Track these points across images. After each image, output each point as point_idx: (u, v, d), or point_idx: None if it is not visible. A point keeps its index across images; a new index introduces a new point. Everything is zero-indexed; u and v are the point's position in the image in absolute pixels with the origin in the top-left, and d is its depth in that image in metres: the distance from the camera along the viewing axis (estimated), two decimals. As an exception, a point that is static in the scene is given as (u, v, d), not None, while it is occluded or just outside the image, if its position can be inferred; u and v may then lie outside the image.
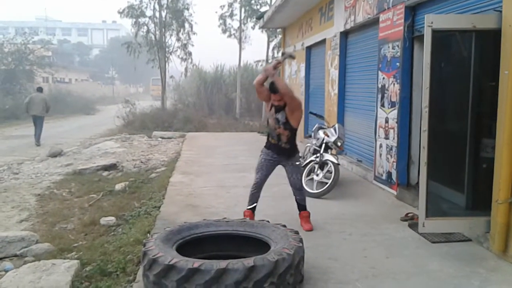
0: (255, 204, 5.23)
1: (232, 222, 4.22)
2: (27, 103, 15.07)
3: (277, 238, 3.75)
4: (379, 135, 7.18)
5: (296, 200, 5.29)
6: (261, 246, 3.82)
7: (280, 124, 5.02)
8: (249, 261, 3.20)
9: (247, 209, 5.22)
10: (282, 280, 3.28)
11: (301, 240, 3.70)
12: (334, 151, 7.33)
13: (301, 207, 5.29)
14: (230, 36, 23.28)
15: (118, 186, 7.73)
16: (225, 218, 4.44)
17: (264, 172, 5.18)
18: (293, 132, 5.09)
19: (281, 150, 5.12)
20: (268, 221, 4.20)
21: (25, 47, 29.82)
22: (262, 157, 5.23)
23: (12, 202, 7.26)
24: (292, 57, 5.48)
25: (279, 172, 5.24)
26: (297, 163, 5.22)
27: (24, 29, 39.78)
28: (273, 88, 4.92)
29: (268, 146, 5.20)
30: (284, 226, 4.04)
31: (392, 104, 6.73)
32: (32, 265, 3.99)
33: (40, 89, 16.16)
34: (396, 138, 6.62)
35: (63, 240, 5.24)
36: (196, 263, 3.18)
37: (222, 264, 3.16)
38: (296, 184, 5.22)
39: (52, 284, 3.62)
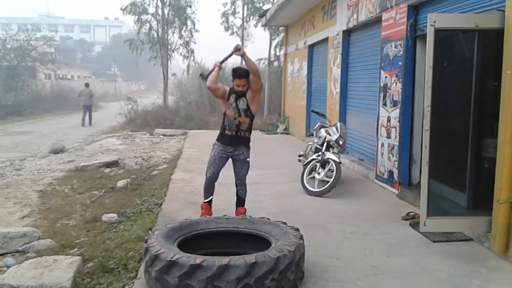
0: (211, 197, 5.35)
1: (232, 220, 4.26)
2: (79, 96, 21.21)
3: (278, 235, 3.78)
4: (381, 134, 7.18)
5: (237, 194, 5.37)
6: (261, 243, 3.85)
7: (241, 112, 5.11)
8: (250, 258, 3.23)
9: (204, 202, 5.34)
10: (283, 277, 3.30)
11: (301, 237, 3.72)
12: (335, 150, 7.33)
13: (241, 202, 5.39)
14: (232, 34, 23.30)
15: (120, 183, 7.74)
16: (225, 215, 4.46)
17: (217, 167, 5.26)
18: (252, 119, 5.24)
19: (240, 139, 5.19)
20: (268, 219, 4.23)
21: (27, 43, 29.85)
22: (215, 151, 5.27)
23: (14, 198, 7.28)
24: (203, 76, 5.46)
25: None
26: (248, 159, 5.31)
27: (27, 25, 39.88)
28: (238, 73, 5.02)
29: (224, 140, 5.23)
30: (285, 223, 4.06)
31: (394, 103, 6.73)
32: (34, 261, 3.99)
33: (87, 85, 21.72)
34: (398, 137, 6.62)
35: (65, 236, 5.25)
36: (198, 259, 3.20)
37: (224, 260, 3.18)
38: (243, 179, 5.32)
39: (54, 280, 3.63)
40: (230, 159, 5.32)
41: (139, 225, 5.27)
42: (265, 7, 20.07)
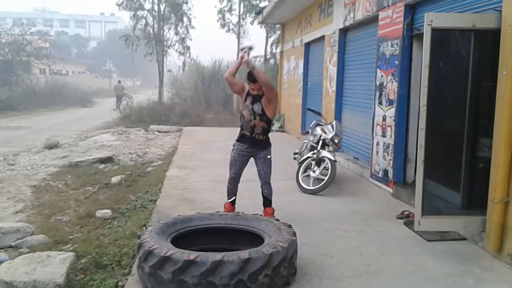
0: (234, 197, 5.34)
1: (225, 216, 4.26)
2: (115, 89, 27.99)
3: (271, 231, 3.78)
4: (376, 133, 7.19)
5: (263, 194, 5.32)
6: (254, 240, 3.85)
7: (256, 115, 5.05)
8: (244, 254, 3.23)
9: (228, 202, 5.32)
10: (276, 273, 3.32)
11: (294, 234, 3.73)
12: (331, 148, 7.34)
13: (268, 202, 5.33)
14: (228, 31, 23.29)
15: (114, 179, 7.72)
16: (218, 211, 4.46)
17: (238, 167, 5.23)
18: (268, 123, 5.16)
19: (255, 142, 5.15)
20: (261, 215, 4.23)
21: (22, 38, 29.73)
22: (234, 152, 5.24)
23: (8, 193, 7.23)
24: (251, 48, 5.32)
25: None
26: (269, 156, 5.25)
27: (22, 20, 39.62)
28: (252, 78, 4.95)
29: (241, 139, 5.21)
30: (278, 220, 4.07)
31: (390, 102, 6.73)
32: (27, 257, 3.97)
33: (119, 82, 29.38)
34: (393, 136, 6.63)
35: (58, 232, 5.23)
36: (192, 255, 3.20)
37: (218, 256, 3.18)
38: (266, 177, 5.25)
39: (47, 276, 3.61)
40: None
41: (133, 222, 5.26)
42: (262, 4, 20.07)
